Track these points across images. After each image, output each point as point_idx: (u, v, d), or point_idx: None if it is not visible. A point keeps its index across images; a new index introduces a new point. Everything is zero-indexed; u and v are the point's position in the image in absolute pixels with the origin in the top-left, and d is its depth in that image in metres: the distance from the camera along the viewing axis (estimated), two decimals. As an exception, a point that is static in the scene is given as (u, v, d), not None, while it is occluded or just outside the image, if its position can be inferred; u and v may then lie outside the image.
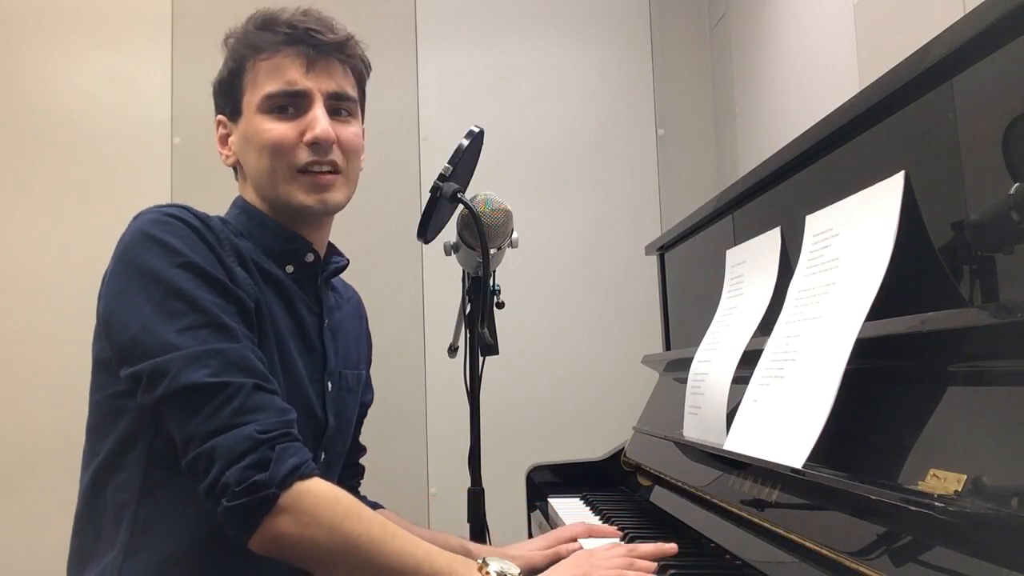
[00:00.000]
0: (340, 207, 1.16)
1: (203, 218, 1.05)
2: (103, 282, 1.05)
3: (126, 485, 1.02)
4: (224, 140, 1.18)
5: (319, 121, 1.11)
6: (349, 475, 1.35)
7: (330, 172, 1.13)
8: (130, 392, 0.99)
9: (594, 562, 1.00)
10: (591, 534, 1.25)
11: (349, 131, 1.15)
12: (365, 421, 1.39)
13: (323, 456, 1.17)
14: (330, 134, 1.11)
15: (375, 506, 1.35)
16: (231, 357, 0.96)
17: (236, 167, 1.19)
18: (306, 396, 1.12)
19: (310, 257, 1.16)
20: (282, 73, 1.11)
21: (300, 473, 0.93)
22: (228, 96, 1.16)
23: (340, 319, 1.23)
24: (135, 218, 1.04)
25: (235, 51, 1.15)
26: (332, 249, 1.24)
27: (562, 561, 1.06)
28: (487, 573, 0.97)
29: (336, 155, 1.13)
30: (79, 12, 2.93)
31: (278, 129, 1.10)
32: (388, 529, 0.95)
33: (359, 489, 1.40)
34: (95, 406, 1.07)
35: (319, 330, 1.17)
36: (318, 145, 1.11)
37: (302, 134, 1.11)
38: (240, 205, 1.17)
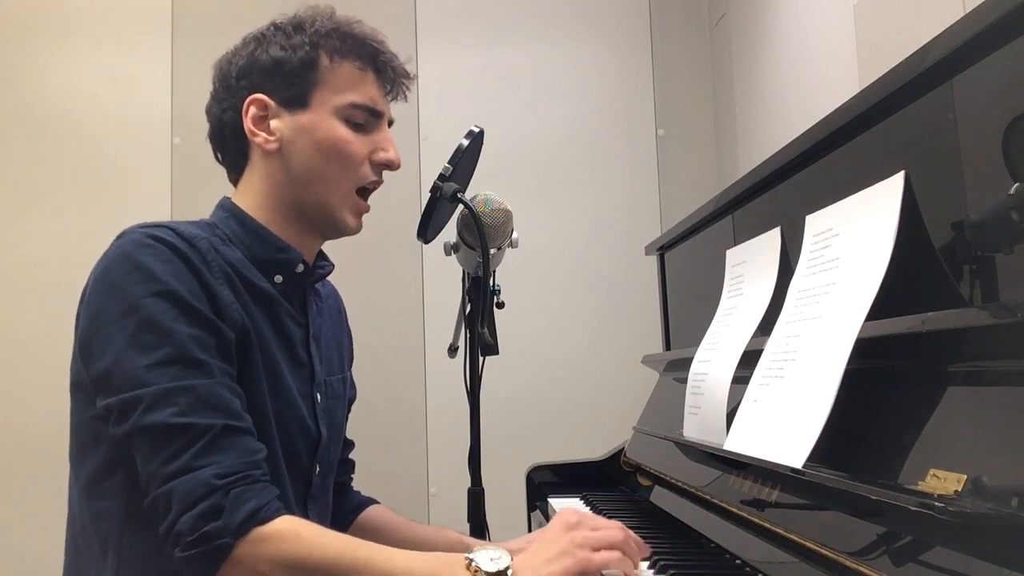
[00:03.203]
0: None
1: (190, 239, 1.01)
2: (81, 300, 1.02)
3: (108, 514, 0.99)
4: (261, 121, 1.11)
5: (394, 145, 1.16)
6: (339, 471, 1.33)
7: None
8: (106, 420, 0.97)
9: (574, 537, 0.95)
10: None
11: None
12: (355, 418, 1.38)
13: (318, 469, 1.15)
14: (399, 159, 1.16)
15: (369, 502, 1.34)
16: (201, 395, 0.93)
17: (268, 154, 1.11)
18: (299, 412, 1.10)
19: (300, 268, 1.14)
20: (367, 88, 1.13)
21: (258, 518, 0.90)
22: (290, 83, 1.10)
23: (321, 325, 1.22)
24: (118, 237, 1.01)
25: (316, 42, 1.11)
26: (319, 254, 1.23)
27: (542, 530, 1.01)
28: (475, 570, 0.92)
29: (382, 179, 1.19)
30: (79, 12, 2.93)
31: (355, 143, 1.12)
32: (359, 556, 0.91)
33: (352, 485, 1.38)
34: (75, 429, 1.04)
35: (305, 343, 1.16)
36: (386, 167, 1.16)
37: (370, 152, 1.13)
38: (229, 209, 1.13)
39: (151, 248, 0.98)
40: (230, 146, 1.15)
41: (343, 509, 1.32)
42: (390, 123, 1.19)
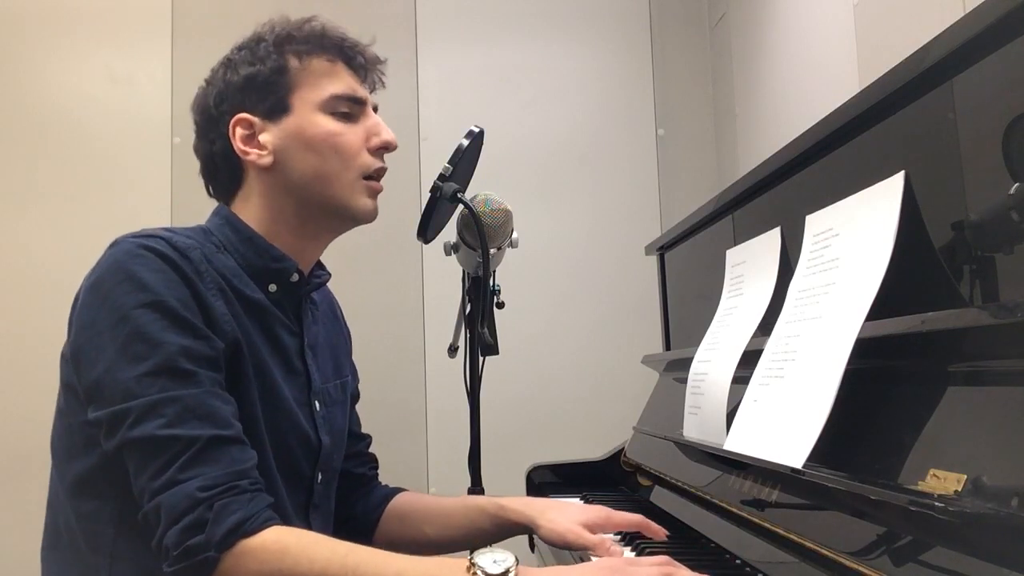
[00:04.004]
0: None
1: (183, 249, 1.00)
2: (74, 307, 1.01)
3: (98, 515, 0.99)
4: (251, 140, 1.11)
5: (384, 126, 1.14)
6: (357, 464, 1.32)
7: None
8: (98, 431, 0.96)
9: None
10: (639, 527, 1.18)
11: None
12: (366, 419, 1.38)
13: (320, 477, 1.15)
14: (395, 137, 1.15)
15: (395, 492, 1.33)
16: (188, 405, 0.93)
17: (263, 170, 1.10)
18: (297, 422, 1.10)
19: (295, 277, 1.13)
20: (342, 78, 1.12)
21: (244, 530, 0.88)
22: (267, 93, 1.10)
23: (317, 332, 1.21)
24: (111, 246, 1.01)
25: (279, 49, 1.11)
26: (316, 263, 1.22)
27: (596, 561, 0.99)
28: (474, 573, 0.89)
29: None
30: (79, 12, 2.93)
31: (347, 134, 1.11)
32: (348, 564, 0.89)
33: (377, 478, 1.37)
34: (65, 428, 1.03)
35: (300, 352, 1.15)
36: (384, 150, 1.14)
37: (365, 140, 1.13)
38: (225, 216, 1.12)
39: (143, 258, 0.97)
40: (222, 174, 1.14)
41: (370, 504, 1.30)
42: (375, 109, 1.18)
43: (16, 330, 2.77)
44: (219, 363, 0.99)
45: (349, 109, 1.12)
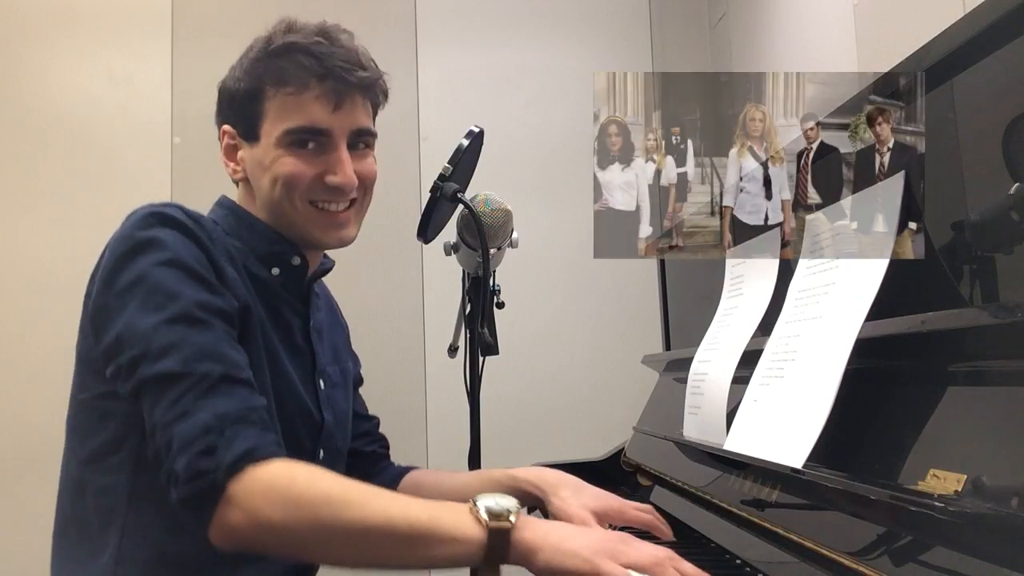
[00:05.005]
0: (354, 239, 1.15)
1: (195, 217, 1.04)
2: (92, 279, 1.03)
3: (112, 489, 1.00)
4: (231, 152, 1.14)
5: (343, 166, 1.09)
6: (367, 443, 1.34)
7: (345, 209, 1.12)
8: (115, 393, 0.98)
9: (603, 544, 0.84)
10: (649, 527, 1.13)
11: (366, 164, 1.13)
12: (366, 404, 1.38)
13: (322, 454, 1.16)
14: (353, 180, 1.10)
15: (407, 469, 1.33)
16: (204, 347, 0.94)
17: (241, 182, 1.16)
18: (300, 397, 1.11)
19: (296, 260, 1.14)
20: (306, 110, 1.07)
21: (253, 457, 0.88)
22: (242, 114, 1.11)
23: (321, 319, 1.23)
24: (128, 216, 1.03)
25: (255, 73, 1.09)
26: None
27: (600, 531, 0.96)
28: (476, 512, 0.85)
29: (355, 193, 1.12)
30: (79, 12, 2.93)
31: (297, 166, 1.08)
32: (353, 496, 0.88)
33: (388, 457, 1.37)
34: (79, 406, 1.05)
35: (305, 332, 1.17)
36: (337, 191, 1.10)
37: (321, 174, 1.09)
38: (226, 205, 1.15)
39: (160, 223, 1.00)
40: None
41: (383, 482, 1.27)
42: (358, 132, 1.11)
43: (16, 330, 2.77)
44: (233, 319, 1.01)
45: (310, 140, 1.08)
